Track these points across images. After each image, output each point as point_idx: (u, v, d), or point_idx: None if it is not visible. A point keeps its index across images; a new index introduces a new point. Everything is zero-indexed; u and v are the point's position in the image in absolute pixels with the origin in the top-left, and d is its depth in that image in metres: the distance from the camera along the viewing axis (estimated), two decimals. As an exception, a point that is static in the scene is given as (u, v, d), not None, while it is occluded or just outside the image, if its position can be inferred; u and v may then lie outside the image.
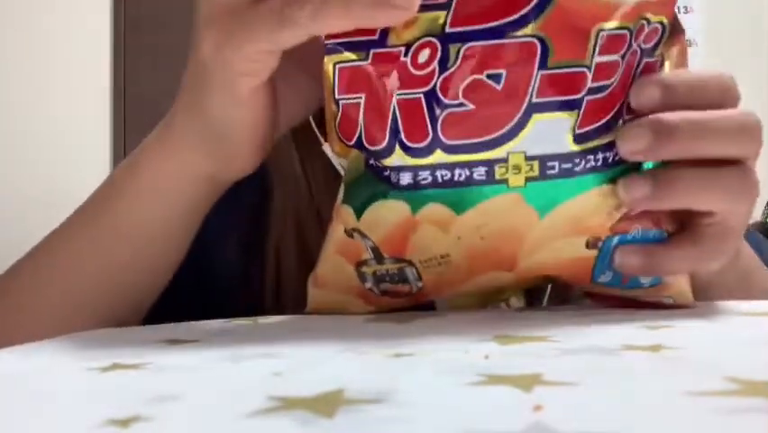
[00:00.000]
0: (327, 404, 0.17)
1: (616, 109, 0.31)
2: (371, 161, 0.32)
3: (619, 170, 0.31)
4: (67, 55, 2.46)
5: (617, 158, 0.31)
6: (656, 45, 0.31)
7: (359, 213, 0.32)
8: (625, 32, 0.30)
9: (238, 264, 0.49)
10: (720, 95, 0.31)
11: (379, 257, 0.33)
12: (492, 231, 0.32)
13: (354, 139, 0.32)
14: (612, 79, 0.30)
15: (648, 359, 0.22)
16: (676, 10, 0.32)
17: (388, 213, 0.32)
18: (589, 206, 0.31)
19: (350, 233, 0.33)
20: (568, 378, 0.19)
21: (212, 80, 0.33)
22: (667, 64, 0.32)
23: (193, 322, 0.33)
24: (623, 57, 0.30)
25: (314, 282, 0.36)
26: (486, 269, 0.33)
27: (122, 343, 0.28)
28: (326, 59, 0.31)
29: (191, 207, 0.39)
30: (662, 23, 0.31)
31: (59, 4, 2.48)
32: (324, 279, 0.35)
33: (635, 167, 0.32)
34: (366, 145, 0.31)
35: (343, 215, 0.33)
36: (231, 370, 0.22)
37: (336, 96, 0.31)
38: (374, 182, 0.32)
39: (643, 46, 0.31)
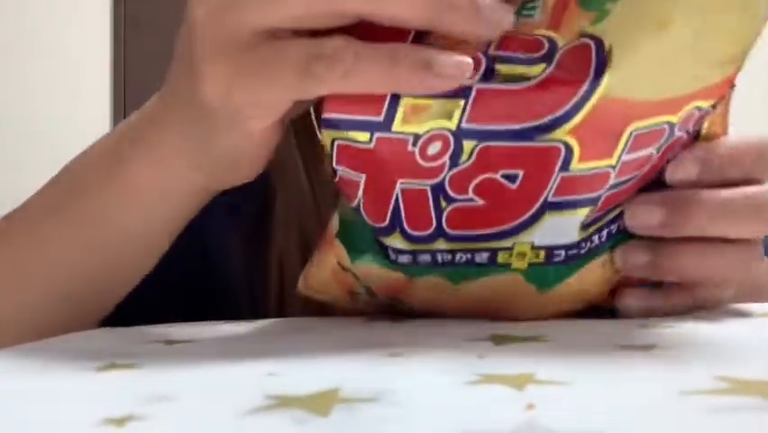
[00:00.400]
0: (322, 403, 0.17)
1: (632, 193, 0.30)
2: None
3: (618, 239, 0.30)
4: (67, 55, 2.47)
5: (619, 228, 0.30)
6: (702, 122, 0.29)
7: (353, 258, 0.31)
8: (664, 126, 0.27)
9: (241, 275, 0.47)
10: (753, 166, 0.30)
11: (371, 294, 0.32)
12: (489, 297, 0.31)
13: (354, 203, 0.29)
14: (640, 171, 0.28)
15: (641, 359, 0.22)
16: None
17: (382, 273, 0.30)
18: (590, 277, 0.30)
19: (343, 267, 0.31)
20: (560, 377, 0.19)
21: (216, 120, 0.30)
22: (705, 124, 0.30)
23: (189, 323, 0.34)
24: (659, 148, 0.28)
25: (303, 285, 0.34)
26: (482, 312, 0.32)
27: (119, 343, 0.28)
28: (324, 132, 0.28)
29: (176, 218, 0.36)
30: (713, 105, 0.28)
31: (59, 4, 2.48)
32: (313, 287, 0.34)
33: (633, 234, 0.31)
34: (365, 216, 0.29)
35: (337, 250, 0.31)
36: (226, 369, 0.22)
37: (334, 166, 0.28)
38: (371, 242, 0.30)
39: (690, 130, 0.29)
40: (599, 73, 0.25)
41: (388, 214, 0.29)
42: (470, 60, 0.25)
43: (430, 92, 0.26)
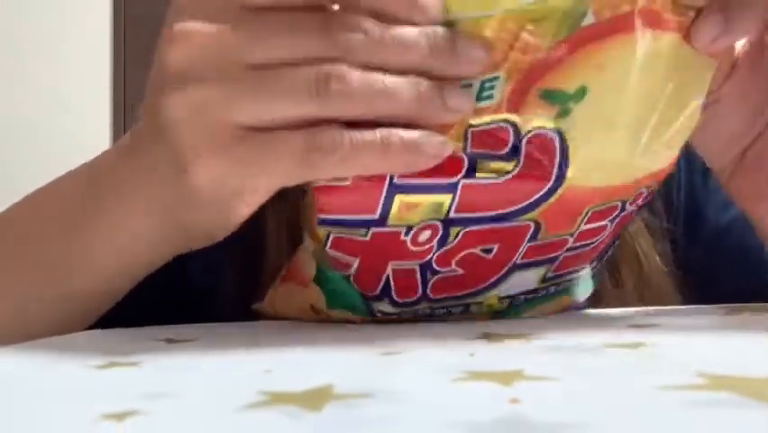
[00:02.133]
0: (316, 399, 0.18)
1: (593, 257, 0.34)
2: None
3: (568, 288, 0.35)
4: (67, 55, 2.47)
5: (568, 284, 0.34)
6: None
7: (331, 306, 0.33)
8: (617, 203, 0.31)
9: (235, 301, 0.44)
10: None
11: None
12: None
13: (345, 273, 0.31)
14: (596, 238, 0.32)
15: (627, 356, 0.22)
16: None
17: (362, 319, 0.33)
18: (545, 310, 0.35)
19: (317, 311, 0.33)
20: (548, 374, 0.20)
21: (202, 204, 0.29)
22: None
23: (189, 324, 0.34)
24: (612, 220, 0.32)
25: (268, 305, 0.36)
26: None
27: (119, 342, 0.29)
28: (319, 228, 0.29)
29: (146, 270, 0.35)
30: (659, 182, 0.32)
31: (60, 4, 2.48)
32: (277, 311, 0.36)
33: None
34: (354, 286, 0.32)
35: (314, 294, 0.33)
36: (224, 367, 0.23)
37: (327, 250, 0.30)
38: (357, 302, 0.32)
39: (640, 204, 0.32)
40: (564, 165, 0.28)
41: (379, 288, 0.31)
42: (446, 140, 0.27)
43: (419, 169, 0.27)
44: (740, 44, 0.32)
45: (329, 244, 0.30)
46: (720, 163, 0.34)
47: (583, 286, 0.35)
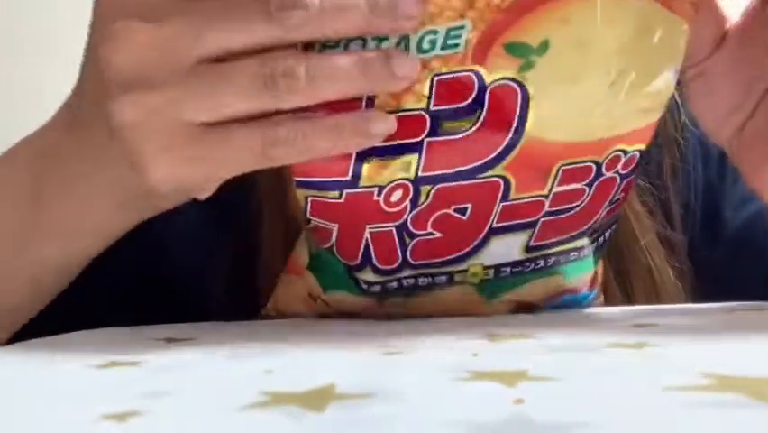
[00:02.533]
0: (318, 399, 0.18)
1: (580, 229, 0.33)
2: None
3: (563, 267, 0.34)
4: (67, 55, 2.47)
5: (560, 259, 0.34)
6: (636, 169, 0.33)
7: (325, 290, 0.34)
8: (590, 164, 0.31)
9: (227, 307, 0.43)
10: None
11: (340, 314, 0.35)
12: (440, 307, 0.35)
13: (327, 245, 0.33)
14: (575, 203, 0.32)
15: (631, 356, 0.22)
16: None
17: (355, 300, 0.34)
18: (534, 291, 0.35)
19: (315, 298, 0.34)
20: (552, 374, 0.20)
21: (161, 196, 0.29)
22: None
23: (189, 323, 0.34)
24: (590, 184, 0.32)
25: (272, 307, 0.36)
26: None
27: (120, 341, 0.29)
28: (298, 191, 0.30)
29: (100, 246, 0.35)
30: (640, 150, 0.32)
31: (60, 3, 2.48)
32: (281, 310, 0.36)
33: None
34: (337, 256, 0.33)
35: (309, 281, 0.34)
36: (224, 367, 0.23)
37: (308, 216, 0.31)
38: (344, 277, 0.33)
39: (621, 172, 0.32)
40: (524, 116, 0.29)
41: (360, 254, 0.32)
42: (394, 120, 0.28)
43: (369, 145, 0.28)
44: (730, 15, 0.32)
45: (308, 209, 0.31)
46: (721, 138, 0.34)
47: (578, 267, 0.35)
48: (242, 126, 0.27)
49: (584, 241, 0.34)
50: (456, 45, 0.28)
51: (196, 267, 0.41)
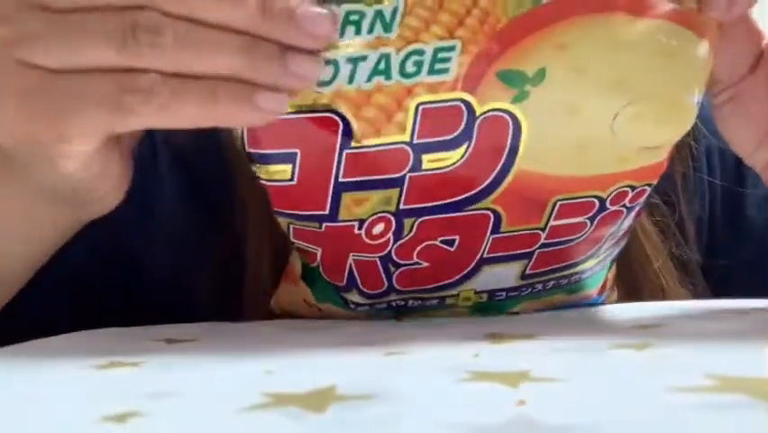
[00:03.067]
0: (319, 400, 0.18)
1: (581, 257, 0.32)
2: None
3: (563, 288, 0.33)
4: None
5: (562, 282, 0.33)
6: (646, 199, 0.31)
7: (317, 300, 0.33)
8: (593, 199, 0.29)
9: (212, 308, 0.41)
10: None
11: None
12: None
13: (313, 264, 0.31)
14: (575, 236, 0.30)
15: (634, 357, 0.22)
16: None
17: (345, 313, 0.33)
18: (528, 308, 0.33)
19: (309, 304, 0.34)
20: (554, 375, 0.19)
21: (24, 161, 0.28)
22: None
23: (190, 323, 0.34)
24: (592, 218, 0.30)
25: (276, 304, 0.36)
26: None
27: (120, 342, 0.29)
28: (279, 218, 0.29)
29: (45, 252, 0.33)
30: (649, 184, 0.30)
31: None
32: (284, 308, 0.36)
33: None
34: (324, 276, 0.31)
35: (303, 290, 0.33)
36: (225, 368, 0.22)
37: (292, 240, 0.30)
38: (332, 293, 0.32)
39: (629, 205, 0.30)
40: (515, 149, 0.27)
41: (345, 278, 0.31)
42: (286, 96, 0.25)
43: (248, 125, 0.26)
44: (765, 35, 0.30)
45: (291, 234, 0.29)
46: (756, 162, 0.32)
47: (583, 286, 0.34)
48: (97, 74, 0.25)
49: (588, 264, 0.33)
50: (445, 70, 0.26)
51: (182, 268, 0.40)
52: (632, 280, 0.40)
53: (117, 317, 0.34)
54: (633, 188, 0.29)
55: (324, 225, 0.28)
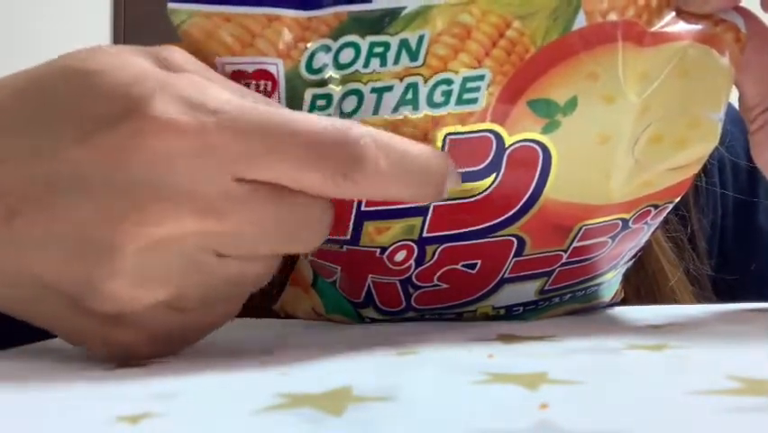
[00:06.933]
0: (335, 401, 0.17)
1: (598, 272, 0.31)
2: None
3: (578, 299, 0.33)
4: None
5: (578, 294, 0.32)
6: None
7: (328, 311, 0.33)
8: (617, 222, 0.29)
9: None
10: None
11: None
12: None
13: (331, 280, 0.31)
14: (596, 253, 0.30)
15: (653, 358, 0.22)
16: None
17: (356, 324, 0.33)
18: (549, 315, 0.33)
19: (318, 314, 0.33)
20: (573, 377, 0.19)
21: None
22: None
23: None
24: (614, 237, 0.30)
25: (280, 307, 0.36)
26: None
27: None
28: None
29: None
30: (671, 201, 0.30)
31: (60, 4, 2.48)
32: (289, 312, 0.35)
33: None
34: (340, 291, 0.31)
35: (313, 299, 0.33)
36: (239, 368, 0.22)
37: (310, 258, 0.30)
38: (347, 307, 0.32)
39: (650, 222, 0.30)
40: (544, 179, 0.27)
41: (362, 295, 0.31)
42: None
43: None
44: None
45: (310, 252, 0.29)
46: None
47: (598, 294, 0.34)
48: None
49: (606, 277, 0.32)
50: (474, 100, 0.25)
51: None
52: (649, 297, 0.40)
53: None
54: (656, 206, 0.29)
55: (345, 247, 0.28)
